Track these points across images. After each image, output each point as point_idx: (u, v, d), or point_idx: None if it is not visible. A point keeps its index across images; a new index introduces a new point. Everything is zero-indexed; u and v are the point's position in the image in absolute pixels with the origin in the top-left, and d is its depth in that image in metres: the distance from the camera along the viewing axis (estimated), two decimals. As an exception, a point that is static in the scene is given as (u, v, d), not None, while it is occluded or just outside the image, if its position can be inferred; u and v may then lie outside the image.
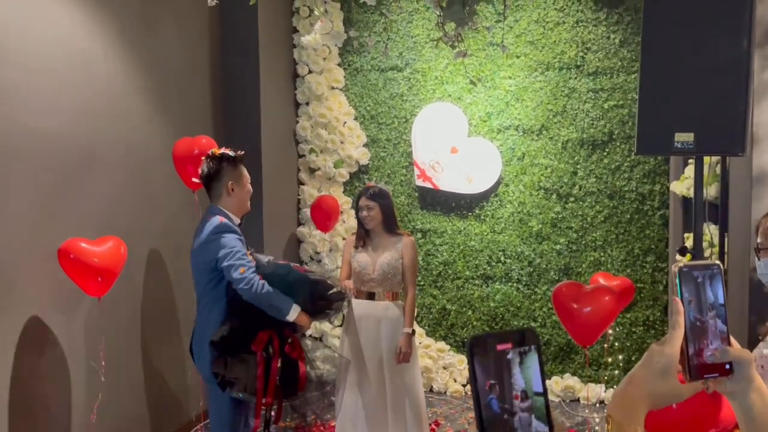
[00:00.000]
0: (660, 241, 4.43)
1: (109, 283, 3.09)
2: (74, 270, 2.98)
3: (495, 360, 0.68)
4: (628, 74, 4.40)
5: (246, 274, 2.72)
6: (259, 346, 2.73)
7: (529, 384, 0.70)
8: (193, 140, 3.71)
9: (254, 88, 4.52)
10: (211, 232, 2.81)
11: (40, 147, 3.08)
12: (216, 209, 2.91)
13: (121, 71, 3.61)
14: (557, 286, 3.25)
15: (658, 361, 0.87)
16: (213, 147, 3.66)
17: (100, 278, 3.02)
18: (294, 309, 2.80)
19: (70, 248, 2.97)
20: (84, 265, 2.98)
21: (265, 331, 2.77)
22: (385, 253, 3.35)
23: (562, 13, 4.51)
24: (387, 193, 3.45)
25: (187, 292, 4.07)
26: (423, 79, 4.80)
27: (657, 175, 4.40)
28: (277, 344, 2.78)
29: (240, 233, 2.87)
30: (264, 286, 2.74)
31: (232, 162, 2.93)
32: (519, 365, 0.69)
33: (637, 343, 4.49)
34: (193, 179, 3.55)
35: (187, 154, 3.63)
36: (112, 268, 3.08)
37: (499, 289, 4.74)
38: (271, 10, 4.63)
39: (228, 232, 2.81)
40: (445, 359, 4.83)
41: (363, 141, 4.93)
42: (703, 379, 0.85)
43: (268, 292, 2.75)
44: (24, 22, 3.00)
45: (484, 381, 0.68)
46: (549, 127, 4.57)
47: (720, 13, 2.44)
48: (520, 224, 4.67)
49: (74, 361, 3.29)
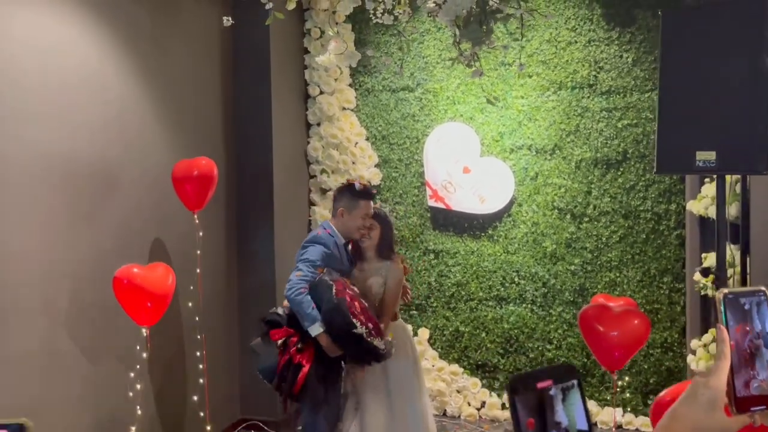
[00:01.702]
0: (676, 261, 4.36)
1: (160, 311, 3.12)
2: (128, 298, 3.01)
3: (536, 398, 0.64)
4: (641, 93, 4.37)
5: (294, 278, 3.04)
6: (275, 336, 2.98)
7: (572, 421, 0.65)
8: (192, 162, 3.72)
9: (266, 109, 4.51)
10: (306, 240, 3.27)
11: (51, 165, 3.07)
12: (326, 224, 3.34)
13: (133, 91, 3.61)
14: (583, 308, 3.18)
15: (702, 394, 0.82)
16: (213, 168, 3.69)
17: (150, 304, 3.05)
18: (315, 327, 2.96)
19: (125, 275, 3.01)
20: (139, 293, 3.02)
21: (290, 328, 2.99)
22: (371, 278, 3.30)
23: (574, 33, 4.49)
24: (390, 219, 3.43)
25: (193, 311, 4.04)
26: (435, 99, 4.78)
27: (672, 195, 4.35)
28: (292, 343, 2.94)
29: (332, 249, 3.21)
30: (300, 293, 2.98)
31: (352, 192, 3.31)
32: (562, 402, 0.65)
33: (655, 366, 4.40)
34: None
35: (186, 174, 3.64)
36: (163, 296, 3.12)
37: (513, 311, 4.67)
38: (283, 31, 4.64)
39: (317, 243, 3.19)
40: (459, 382, 4.75)
41: (375, 161, 4.90)
42: (750, 412, 0.80)
43: (300, 301, 2.98)
44: (37, 41, 3.01)
45: (526, 418, 0.64)
46: (562, 146, 4.53)
47: (738, 30, 2.40)
48: (534, 245, 4.61)
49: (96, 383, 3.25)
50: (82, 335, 3.25)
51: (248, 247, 4.55)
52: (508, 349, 4.71)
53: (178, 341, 4.00)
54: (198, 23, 4.17)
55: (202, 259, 3.96)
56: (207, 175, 3.66)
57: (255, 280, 4.55)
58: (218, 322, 4.36)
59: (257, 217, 4.54)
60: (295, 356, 2.92)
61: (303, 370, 2.90)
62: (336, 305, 2.90)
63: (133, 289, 3.01)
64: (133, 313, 3.07)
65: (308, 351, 2.95)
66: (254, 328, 4.52)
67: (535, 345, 4.63)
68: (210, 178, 3.65)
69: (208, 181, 3.65)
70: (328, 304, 2.92)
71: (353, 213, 3.27)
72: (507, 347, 4.71)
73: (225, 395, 4.43)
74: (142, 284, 3.04)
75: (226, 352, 4.44)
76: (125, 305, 3.05)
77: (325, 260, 3.18)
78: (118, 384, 3.44)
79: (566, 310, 4.57)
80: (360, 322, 2.86)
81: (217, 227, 4.34)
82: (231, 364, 4.51)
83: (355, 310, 2.90)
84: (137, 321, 3.12)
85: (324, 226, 3.33)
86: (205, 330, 4.01)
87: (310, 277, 3.07)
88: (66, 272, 3.00)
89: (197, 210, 3.74)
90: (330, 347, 2.95)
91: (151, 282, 3.07)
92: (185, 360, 4.05)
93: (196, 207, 3.71)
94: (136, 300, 3.03)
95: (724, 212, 2.59)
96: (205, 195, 3.68)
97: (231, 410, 4.51)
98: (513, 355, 4.69)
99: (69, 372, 3.18)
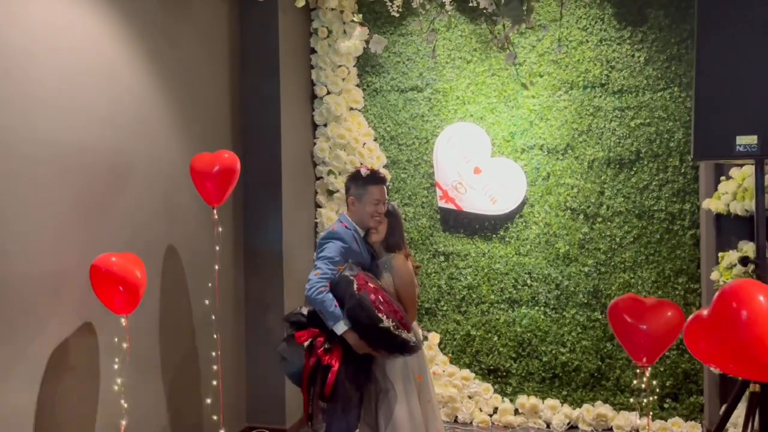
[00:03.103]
0: (691, 261, 4.30)
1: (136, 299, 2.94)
2: (102, 287, 2.83)
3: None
4: (654, 92, 4.33)
5: (314, 277, 2.94)
6: (301, 338, 2.89)
7: None
8: (215, 155, 3.59)
9: (275, 109, 4.42)
10: (323, 236, 3.18)
11: (60, 156, 2.96)
12: (342, 217, 3.27)
13: (144, 83, 3.51)
14: (613, 301, 3.09)
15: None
16: (235, 161, 3.56)
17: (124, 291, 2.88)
18: (339, 325, 2.85)
19: (102, 263, 2.84)
20: (113, 281, 2.84)
21: (317, 328, 2.90)
22: (384, 274, 3.20)
23: (586, 32, 4.46)
24: (399, 214, 3.35)
25: (207, 308, 3.91)
26: (444, 99, 4.72)
27: (686, 194, 4.30)
28: (319, 343, 2.85)
29: (350, 242, 3.12)
30: (320, 293, 2.89)
31: (360, 179, 3.22)
32: None
33: (671, 368, 4.32)
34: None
35: (207, 168, 3.51)
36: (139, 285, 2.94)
37: (526, 314, 4.58)
38: (291, 30, 4.57)
39: (334, 239, 3.11)
40: (471, 388, 4.65)
41: (383, 162, 4.82)
42: None
43: (321, 300, 2.88)
44: (50, 28, 2.90)
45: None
46: (574, 146, 4.48)
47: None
48: (547, 246, 4.54)
49: (101, 381, 3.11)
50: (80, 329, 3.11)
51: (256, 248, 4.43)
52: (520, 353, 4.61)
53: (190, 340, 3.86)
54: (208, 20, 4.08)
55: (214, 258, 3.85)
56: (230, 168, 3.52)
57: (262, 282, 4.43)
58: (227, 324, 4.22)
59: (265, 218, 4.43)
60: (323, 357, 2.81)
61: (333, 370, 2.78)
62: (358, 301, 2.80)
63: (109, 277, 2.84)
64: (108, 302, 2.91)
65: (336, 350, 2.84)
66: (261, 332, 4.41)
67: (548, 348, 4.54)
68: (232, 171, 3.52)
69: (230, 175, 3.52)
70: (351, 300, 2.81)
71: (363, 200, 3.20)
72: (519, 351, 4.61)
73: (232, 401, 4.29)
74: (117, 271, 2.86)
75: (232, 356, 4.31)
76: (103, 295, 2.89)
77: (344, 255, 3.09)
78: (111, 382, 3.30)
79: (580, 313, 4.49)
80: (386, 315, 2.76)
81: (226, 227, 4.22)
82: (238, 369, 4.38)
83: (379, 304, 2.80)
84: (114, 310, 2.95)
85: (341, 219, 3.26)
86: (218, 330, 3.89)
87: (330, 274, 2.98)
88: (72, 266, 2.87)
89: (217, 204, 3.61)
90: (358, 344, 2.84)
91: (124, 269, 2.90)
92: (198, 360, 3.91)
93: (216, 201, 3.57)
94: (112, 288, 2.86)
95: (763, 201, 2.52)
96: (226, 189, 3.55)
97: (237, 417, 4.36)
98: (526, 360, 4.60)
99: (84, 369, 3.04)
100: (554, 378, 4.55)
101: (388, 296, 2.90)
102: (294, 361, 2.91)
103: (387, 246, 3.27)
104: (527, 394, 4.59)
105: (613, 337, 4.38)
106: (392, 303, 2.89)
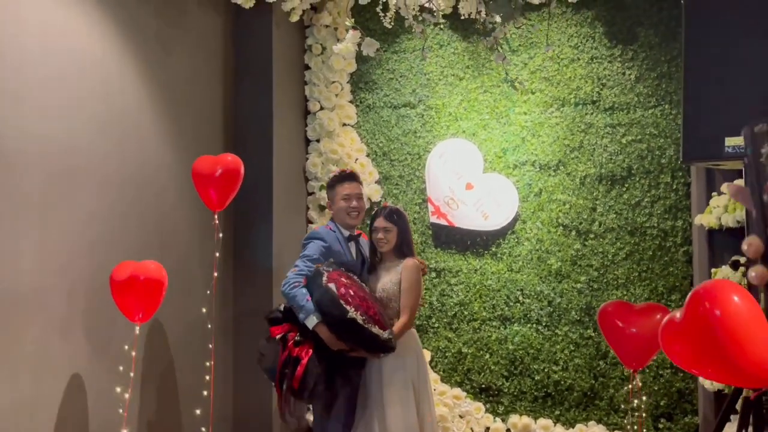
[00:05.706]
0: (684, 278, 4.27)
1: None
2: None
3: None
4: (645, 109, 4.36)
5: (290, 274, 3.06)
6: (275, 333, 2.95)
7: None
8: (217, 158, 3.56)
9: (267, 124, 4.44)
10: (305, 237, 3.40)
11: (50, 159, 2.94)
12: (330, 221, 3.48)
13: (136, 90, 3.51)
14: (603, 306, 3.07)
15: None
16: (239, 165, 3.54)
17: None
18: (310, 318, 2.91)
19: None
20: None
21: (289, 324, 2.96)
22: (385, 277, 3.22)
23: (577, 50, 4.50)
24: (405, 214, 3.35)
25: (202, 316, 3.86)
26: (437, 115, 4.74)
27: (679, 211, 4.29)
28: (291, 338, 2.91)
29: (332, 243, 3.25)
30: (293, 287, 2.97)
31: (329, 183, 3.48)
32: None
33: (665, 387, 4.26)
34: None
35: (209, 172, 3.48)
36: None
37: (518, 331, 4.53)
38: (285, 46, 4.61)
39: (315, 239, 3.27)
40: (462, 407, 4.57)
41: (375, 178, 4.82)
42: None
43: (294, 295, 2.98)
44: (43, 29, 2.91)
45: None
46: (566, 162, 4.49)
47: (763, 12, 2.38)
48: (539, 262, 4.51)
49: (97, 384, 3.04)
50: (77, 336, 3.06)
51: (246, 262, 4.40)
52: (512, 371, 4.55)
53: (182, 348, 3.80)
54: (203, 30, 4.11)
55: (208, 265, 3.80)
56: (233, 172, 3.50)
57: (251, 296, 4.38)
58: (218, 333, 4.16)
59: (256, 232, 4.41)
60: (293, 350, 2.81)
61: (302, 363, 2.78)
62: (325, 290, 2.86)
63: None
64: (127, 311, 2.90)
65: (307, 344, 2.88)
66: (250, 345, 4.34)
67: (540, 366, 4.48)
68: (236, 175, 3.50)
69: (233, 180, 3.50)
70: (318, 290, 2.88)
71: (335, 200, 3.42)
72: (512, 369, 4.55)
73: (219, 413, 4.19)
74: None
75: (222, 367, 4.23)
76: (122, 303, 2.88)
77: (324, 255, 3.19)
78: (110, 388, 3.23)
79: (572, 330, 4.44)
80: (354, 308, 2.78)
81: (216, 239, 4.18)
82: (225, 381, 4.29)
83: (348, 297, 2.81)
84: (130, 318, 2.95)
85: (328, 223, 3.53)
86: (210, 341, 3.84)
87: (306, 271, 3.08)
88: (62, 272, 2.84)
89: (218, 210, 3.58)
90: (330, 339, 2.88)
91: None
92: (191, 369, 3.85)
93: (218, 207, 3.55)
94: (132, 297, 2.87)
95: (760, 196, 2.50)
96: (229, 194, 3.53)
97: (224, 430, 4.27)
98: (518, 378, 4.53)
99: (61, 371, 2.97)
100: (547, 397, 4.48)
101: (363, 293, 2.92)
102: (270, 357, 2.96)
103: (398, 252, 3.29)
104: (519, 414, 4.51)
105: (606, 355, 4.33)
106: (367, 299, 2.91)
